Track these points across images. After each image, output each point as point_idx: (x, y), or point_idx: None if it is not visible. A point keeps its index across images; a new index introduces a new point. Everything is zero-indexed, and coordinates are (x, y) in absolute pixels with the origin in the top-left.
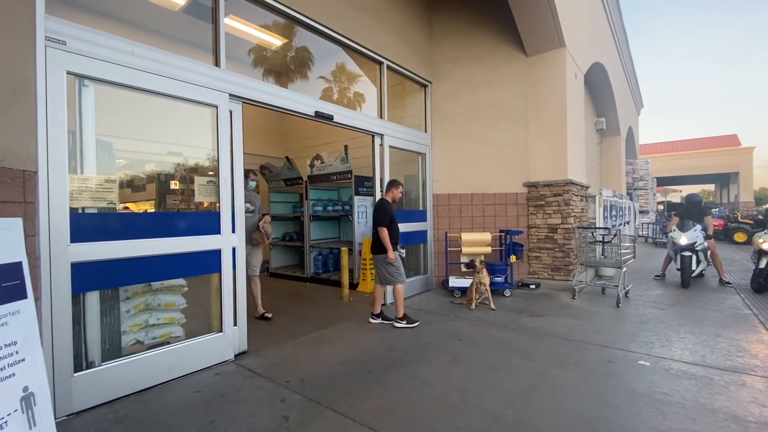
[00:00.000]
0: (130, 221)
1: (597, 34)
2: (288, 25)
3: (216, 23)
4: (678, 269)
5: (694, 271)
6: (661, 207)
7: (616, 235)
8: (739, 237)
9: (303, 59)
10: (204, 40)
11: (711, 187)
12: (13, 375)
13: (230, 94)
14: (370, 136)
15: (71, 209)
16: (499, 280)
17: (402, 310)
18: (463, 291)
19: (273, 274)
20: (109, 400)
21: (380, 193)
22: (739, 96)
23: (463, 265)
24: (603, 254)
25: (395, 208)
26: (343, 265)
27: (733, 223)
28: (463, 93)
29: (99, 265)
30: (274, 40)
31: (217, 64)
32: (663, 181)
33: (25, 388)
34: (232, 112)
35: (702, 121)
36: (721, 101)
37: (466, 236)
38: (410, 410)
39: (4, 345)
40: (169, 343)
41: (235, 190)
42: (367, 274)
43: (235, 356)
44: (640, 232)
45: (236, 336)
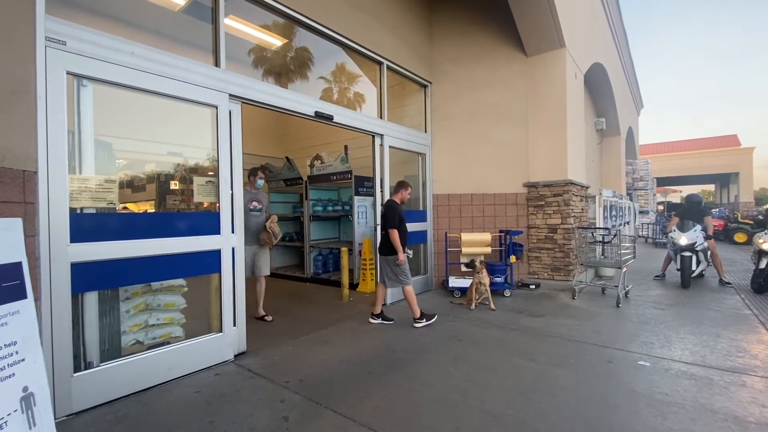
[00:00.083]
0: (130, 221)
1: (597, 35)
2: (288, 25)
3: (216, 23)
4: (678, 269)
5: (694, 272)
6: (661, 207)
7: (616, 236)
8: (739, 237)
9: (303, 59)
10: (204, 41)
11: (711, 188)
12: (13, 375)
13: (230, 95)
14: (370, 136)
15: (71, 209)
16: (499, 280)
17: (418, 311)
18: (463, 291)
19: (273, 275)
20: (109, 401)
21: (380, 194)
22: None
23: (463, 265)
24: (603, 254)
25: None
26: (343, 265)
27: (733, 224)
28: (463, 93)
29: (99, 266)
30: (274, 41)
31: (217, 64)
32: (663, 182)
33: (25, 388)
34: (231, 112)
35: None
36: (721, 101)
37: (466, 236)
38: (410, 410)
39: (4, 345)
40: (168, 344)
41: (234, 191)
42: (366, 274)
43: (235, 356)
44: (640, 233)
45: (236, 336)
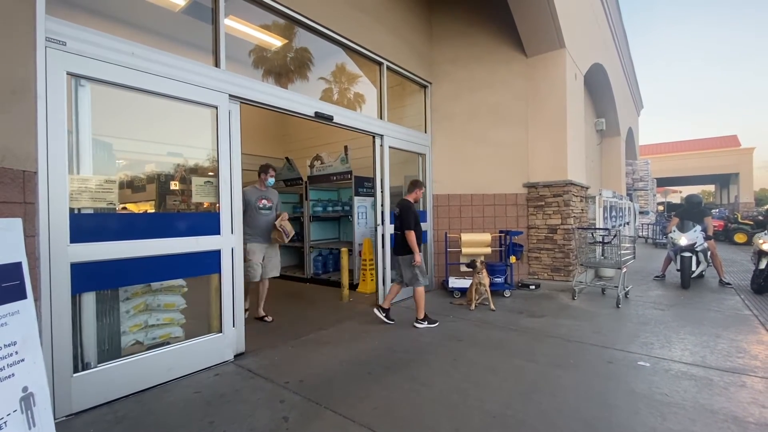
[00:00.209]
0: (130, 222)
1: (597, 35)
2: (288, 25)
3: (216, 24)
4: (678, 270)
5: (694, 272)
6: (661, 208)
7: (615, 236)
8: (739, 238)
9: (303, 60)
10: (204, 41)
11: (711, 188)
12: (13, 375)
13: (230, 95)
14: (370, 136)
15: (71, 210)
16: (499, 280)
17: (423, 312)
18: (463, 291)
19: None
20: (109, 401)
21: (380, 194)
22: (739, 97)
23: (464, 265)
24: (603, 255)
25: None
26: (342, 265)
27: (733, 224)
28: (463, 94)
29: (99, 266)
30: (274, 41)
31: (217, 64)
32: (663, 182)
33: (25, 389)
34: (231, 113)
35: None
36: (721, 102)
37: (465, 237)
38: (410, 411)
39: (4, 345)
40: (168, 344)
41: (234, 191)
42: (366, 274)
43: (235, 357)
44: (640, 233)
45: (235, 336)
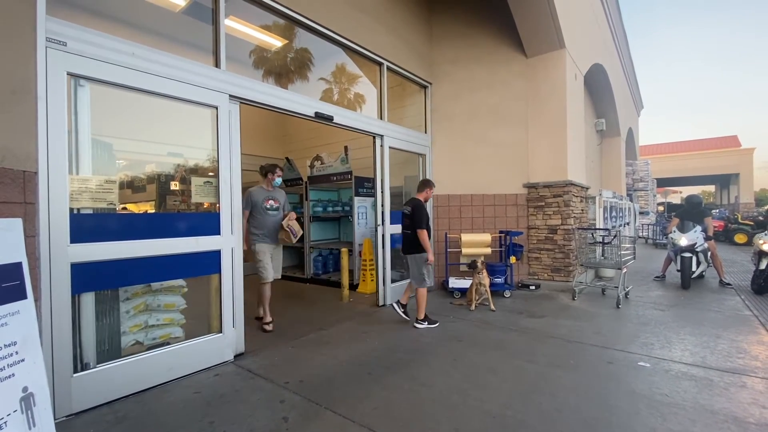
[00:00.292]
0: (130, 222)
1: (597, 36)
2: (288, 26)
3: (216, 24)
4: (678, 270)
5: (694, 273)
6: (661, 208)
7: (616, 236)
8: (740, 238)
9: (303, 60)
10: (204, 42)
11: (711, 189)
12: (13, 375)
13: (230, 95)
14: (370, 137)
15: (71, 210)
16: (499, 281)
17: (423, 312)
18: (463, 292)
19: None
20: (109, 401)
21: (380, 194)
22: (739, 97)
23: (466, 265)
24: (603, 255)
25: (395, 208)
26: (343, 266)
27: (733, 225)
28: (463, 94)
29: (99, 266)
30: (275, 41)
31: (218, 65)
32: (663, 182)
33: (25, 389)
34: (230, 113)
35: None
36: (722, 102)
37: (465, 237)
38: (409, 411)
39: (4, 345)
40: (168, 344)
41: (234, 191)
42: (366, 275)
43: (235, 357)
44: (640, 234)
45: (235, 337)
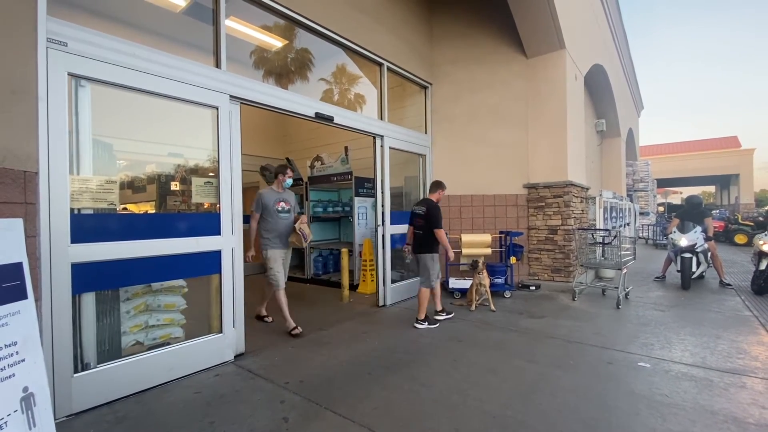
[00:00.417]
0: (131, 222)
1: (597, 36)
2: (288, 26)
3: (217, 25)
4: (678, 271)
5: (694, 273)
6: (661, 208)
7: (616, 237)
8: (740, 239)
9: (303, 60)
10: (205, 42)
11: (711, 189)
12: (13, 375)
13: (231, 96)
14: (370, 137)
15: (72, 210)
16: (499, 281)
17: (424, 313)
18: (463, 292)
19: None
20: (109, 401)
21: (381, 195)
22: (739, 98)
23: (467, 265)
24: (603, 256)
25: (395, 208)
26: (343, 266)
27: (733, 225)
28: (463, 94)
29: (99, 266)
30: (275, 42)
31: (218, 65)
32: (663, 183)
33: (25, 389)
34: (231, 113)
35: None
36: (722, 103)
37: (466, 237)
38: (410, 411)
39: (5, 345)
40: (169, 344)
41: (234, 191)
42: (367, 275)
43: (235, 357)
44: (641, 234)
45: (236, 337)
